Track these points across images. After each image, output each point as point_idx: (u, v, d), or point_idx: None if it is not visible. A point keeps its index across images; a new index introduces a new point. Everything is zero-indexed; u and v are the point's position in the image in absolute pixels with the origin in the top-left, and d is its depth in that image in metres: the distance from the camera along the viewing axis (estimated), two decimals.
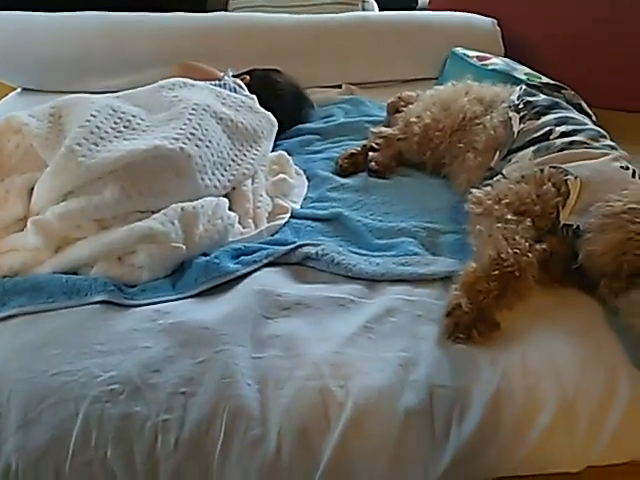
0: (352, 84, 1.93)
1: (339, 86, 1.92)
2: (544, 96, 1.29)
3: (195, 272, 0.97)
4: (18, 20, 1.89)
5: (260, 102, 1.40)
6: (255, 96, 1.40)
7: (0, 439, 0.77)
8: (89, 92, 1.23)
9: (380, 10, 2.26)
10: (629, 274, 0.88)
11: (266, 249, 1.05)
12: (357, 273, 1.00)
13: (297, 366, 0.83)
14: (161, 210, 0.99)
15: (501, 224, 0.98)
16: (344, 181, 1.32)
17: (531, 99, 1.25)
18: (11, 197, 1.02)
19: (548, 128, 1.16)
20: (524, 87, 1.33)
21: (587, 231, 0.94)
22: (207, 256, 1.01)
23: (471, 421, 0.79)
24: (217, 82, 1.38)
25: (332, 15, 2.04)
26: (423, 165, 1.38)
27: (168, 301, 0.93)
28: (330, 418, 0.79)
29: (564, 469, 0.82)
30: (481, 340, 0.86)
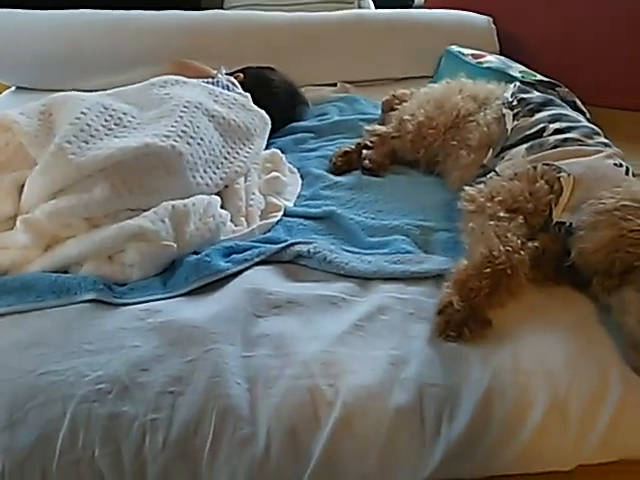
0: (348, 82, 1.93)
1: (334, 84, 1.92)
2: (538, 93, 1.29)
3: (186, 270, 0.97)
4: (12, 18, 1.88)
5: (254, 100, 1.39)
6: (248, 94, 1.39)
7: None
8: (84, 90, 1.22)
9: (376, 8, 2.26)
10: (621, 271, 0.88)
11: (258, 247, 1.04)
12: (349, 271, 1.00)
13: (287, 365, 0.83)
14: (152, 208, 0.99)
15: (493, 222, 0.97)
16: (338, 179, 1.32)
17: (525, 96, 1.25)
18: (1, 195, 1.01)
19: (542, 125, 1.15)
20: (518, 84, 1.32)
21: (579, 228, 0.93)
22: (198, 254, 1.00)
23: (461, 420, 0.79)
24: (210, 80, 1.37)
25: (328, 13, 2.04)
26: (417, 163, 1.37)
27: (158, 300, 0.92)
28: (320, 417, 0.79)
29: (555, 468, 0.82)
30: (472, 338, 0.86)
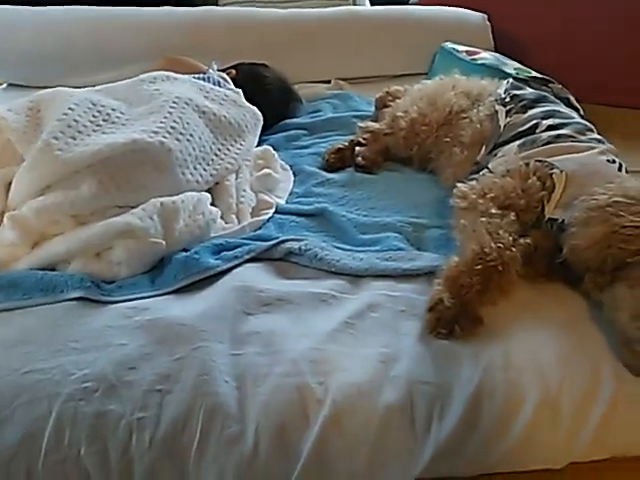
0: (342, 79, 1.92)
1: (328, 81, 1.91)
2: (531, 90, 1.28)
3: (174, 268, 0.96)
4: (3, 14, 1.87)
5: (246, 97, 1.38)
6: (240, 90, 1.38)
7: None
8: (76, 87, 1.21)
9: (372, 5, 2.25)
10: (613, 268, 0.87)
11: (248, 244, 1.03)
12: (340, 268, 0.99)
13: (276, 363, 0.82)
14: (140, 205, 0.98)
15: (485, 218, 0.96)
16: (330, 176, 1.31)
17: (518, 92, 1.24)
18: None
19: (534, 122, 1.14)
20: (511, 81, 1.31)
21: (572, 225, 0.93)
22: (187, 252, 0.99)
23: (452, 417, 0.78)
24: (200, 75, 1.36)
25: (322, 10, 2.03)
26: (410, 160, 1.37)
27: (146, 297, 0.91)
28: (309, 415, 0.78)
29: (547, 466, 0.81)
30: (463, 335, 0.85)
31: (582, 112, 1.30)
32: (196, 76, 1.34)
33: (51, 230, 0.97)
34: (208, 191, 1.13)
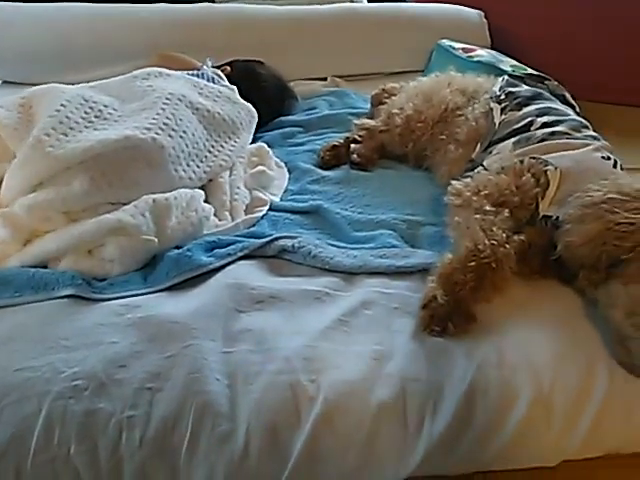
0: (339, 77, 1.91)
1: (325, 79, 1.90)
2: (526, 87, 1.28)
3: (167, 265, 0.95)
4: None
5: (241, 93, 1.37)
6: (235, 87, 1.38)
7: None
8: (72, 84, 1.20)
9: (368, 2, 2.24)
10: (608, 265, 0.87)
11: (241, 242, 1.03)
12: (334, 266, 0.99)
13: (268, 360, 0.81)
14: (132, 202, 0.97)
15: (479, 215, 0.96)
16: (325, 173, 1.30)
17: (513, 90, 1.24)
18: None
19: (529, 119, 1.14)
20: (506, 78, 1.31)
21: (566, 222, 0.92)
22: (180, 249, 0.99)
23: (445, 415, 0.78)
24: (194, 72, 1.35)
25: (319, 7, 2.02)
26: (405, 157, 1.36)
27: (138, 295, 0.91)
28: (300, 413, 0.77)
29: (540, 463, 0.81)
30: (456, 333, 0.85)
31: (578, 109, 1.29)
32: (190, 72, 1.33)
33: (43, 227, 0.96)
34: (202, 188, 1.13)
